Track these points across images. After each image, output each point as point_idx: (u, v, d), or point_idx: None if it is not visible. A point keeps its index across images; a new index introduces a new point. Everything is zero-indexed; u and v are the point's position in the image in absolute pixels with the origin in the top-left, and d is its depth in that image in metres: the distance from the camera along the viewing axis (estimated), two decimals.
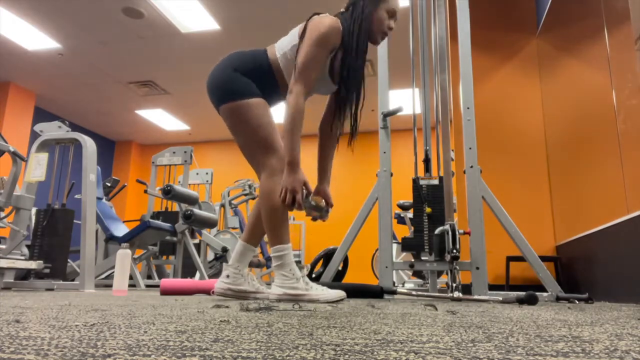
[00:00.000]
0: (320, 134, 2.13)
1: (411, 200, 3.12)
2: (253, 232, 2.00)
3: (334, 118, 1.99)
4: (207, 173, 6.75)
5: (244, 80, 1.87)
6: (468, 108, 2.74)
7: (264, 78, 1.92)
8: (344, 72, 1.90)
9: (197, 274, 5.24)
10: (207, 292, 2.55)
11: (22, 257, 3.45)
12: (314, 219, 1.90)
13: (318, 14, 1.92)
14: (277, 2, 5.18)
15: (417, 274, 5.09)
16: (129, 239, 4.32)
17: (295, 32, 1.92)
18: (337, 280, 3.11)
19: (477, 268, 2.54)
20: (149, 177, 7.80)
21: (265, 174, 1.85)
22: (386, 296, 2.57)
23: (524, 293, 1.94)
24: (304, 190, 1.82)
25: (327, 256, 3.34)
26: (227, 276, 1.95)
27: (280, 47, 1.92)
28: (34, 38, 5.94)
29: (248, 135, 1.85)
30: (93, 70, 6.87)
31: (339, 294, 1.88)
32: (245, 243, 1.99)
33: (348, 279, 5.97)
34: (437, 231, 2.51)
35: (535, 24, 4.12)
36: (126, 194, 9.68)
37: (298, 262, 7.09)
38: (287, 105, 1.82)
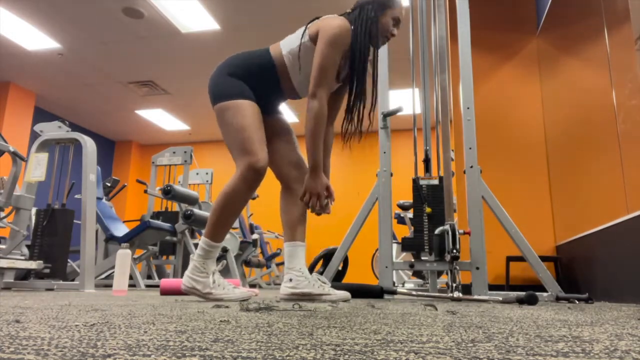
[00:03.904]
0: None
1: (411, 200, 3.12)
2: (292, 228, 2.01)
3: (344, 119, 2.00)
4: (207, 173, 6.75)
5: (235, 82, 1.88)
6: (468, 108, 2.74)
7: (264, 78, 1.92)
8: (352, 74, 1.92)
9: None
10: None
11: (22, 257, 3.45)
12: (319, 214, 1.94)
13: (318, 17, 1.94)
14: (277, 2, 5.18)
15: (417, 274, 5.09)
16: (129, 239, 4.32)
17: (302, 30, 1.93)
18: (337, 280, 3.11)
19: (477, 268, 2.54)
20: (149, 177, 7.80)
21: (235, 174, 1.85)
22: (386, 296, 2.57)
23: (524, 293, 1.94)
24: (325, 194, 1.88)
25: (327, 256, 3.34)
26: (290, 280, 1.94)
27: (287, 45, 1.93)
28: (34, 38, 5.94)
29: (230, 136, 1.86)
30: (93, 70, 6.87)
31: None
32: (291, 242, 2.00)
33: (348, 279, 5.97)
34: (437, 231, 2.51)
35: (535, 24, 4.12)
36: (126, 194, 9.68)
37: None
38: (310, 110, 1.82)
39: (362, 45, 1.89)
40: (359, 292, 2.48)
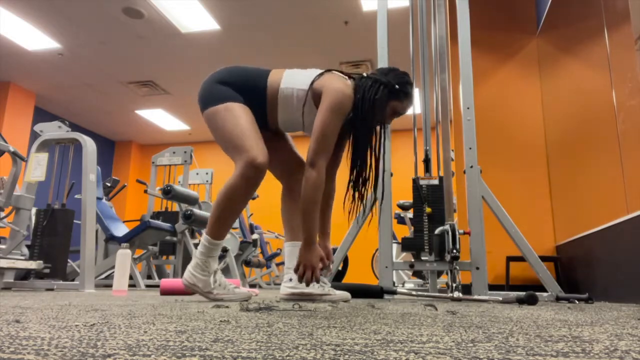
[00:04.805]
0: None
1: (411, 200, 3.12)
2: (292, 228, 2.01)
3: (345, 194, 1.94)
4: (207, 173, 6.75)
5: (225, 88, 1.83)
6: (468, 108, 2.74)
7: (252, 97, 1.86)
8: (353, 142, 1.88)
9: None
10: None
11: (22, 257, 3.45)
12: (317, 281, 1.91)
13: (330, 70, 1.88)
14: (277, 3, 5.18)
15: (417, 274, 5.09)
16: (129, 239, 4.32)
17: (310, 78, 1.86)
18: (337, 280, 3.11)
19: (477, 268, 2.54)
20: (149, 177, 7.80)
21: (235, 172, 1.81)
22: (386, 296, 2.57)
23: (524, 293, 1.94)
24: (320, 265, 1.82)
25: None
26: (290, 279, 1.94)
27: (289, 80, 1.85)
28: (34, 38, 5.94)
29: (224, 137, 1.80)
30: (93, 70, 6.87)
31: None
32: (291, 242, 1.99)
33: (348, 279, 5.98)
34: (437, 231, 2.51)
35: (535, 24, 4.12)
36: (126, 194, 9.68)
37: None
38: (309, 180, 1.75)
39: (362, 118, 1.82)
40: (359, 292, 2.48)
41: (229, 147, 1.81)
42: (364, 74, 1.90)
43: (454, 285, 2.37)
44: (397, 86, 1.85)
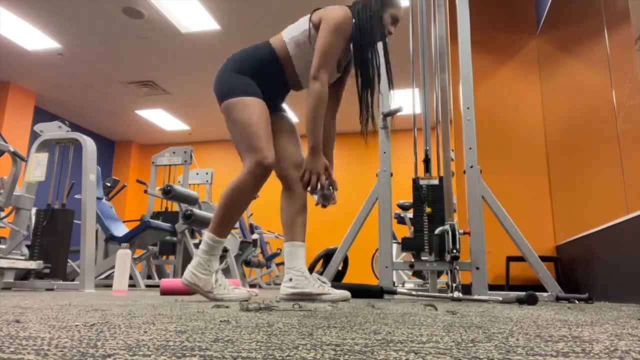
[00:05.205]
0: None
1: (411, 200, 3.12)
2: (292, 228, 2.02)
3: (360, 114, 2.05)
4: (207, 173, 6.75)
5: (241, 79, 1.90)
6: (468, 108, 2.74)
7: (268, 70, 1.94)
8: (357, 63, 1.97)
9: None
10: None
11: (22, 257, 3.45)
12: (324, 206, 1.97)
13: (319, 8, 1.97)
14: (277, 3, 5.18)
15: (417, 274, 5.09)
16: (129, 239, 4.32)
17: (305, 19, 1.96)
18: (337, 280, 3.11)
19: (477, 268, 2.54)
20: (149, 177, 7.80)
21: (243, 170, 1.85)
22: (386, 296, 2.57)
23: (524, 293, 1.94)
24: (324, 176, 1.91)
25: (327, 256, 3.34)
26: (290, 279, 1.95)
27: (289, 33, 1.95)
28: (34, 38, 5.94)
29: (237, 132, 1.87)
30: (93, 70, 6.87)
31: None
32: (291, 242, 2.00)
33: (348, 279, 5.97)
34: (437, 231, 2.51)
35: (535, 24, 4.12)
36: (126, 194, 9.68)
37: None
38: (311, 92, 1.86)
39: (365, 36, 1.93)
40: (359, 292, 2.47)
41: (240, 143, 1.88)
42: (350, 4, 2.02)
43: (454, 285, 2.37)
44: None
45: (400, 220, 5.18)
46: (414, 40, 3.22)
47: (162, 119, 8.75)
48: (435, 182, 2.77)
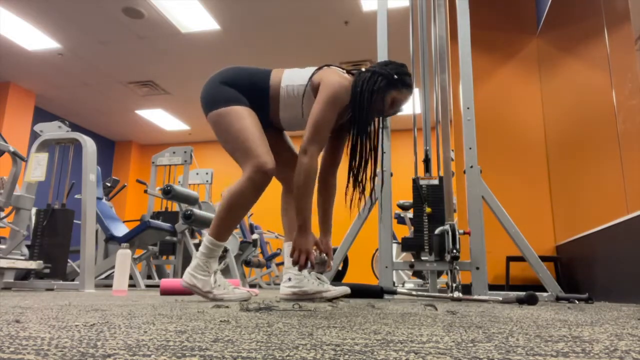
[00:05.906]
0: (319, 184, 2.07)
1: (411, 200, 3.12)
2: (292, 228, 2.02)
3: (348, 175, 1.95)
4: (207, 173, 6.75)
5: (228, 90, 1.84)
6: (468, 108, 2.74)
7: (255, 98, 1.87)
8: (352, 133, 1.89)
9: None
10: None
11: (22, 257, 3.45)
12: (320, 272, 1.96)
13: (329, 65, 1.89)
14: (277, 3, 5.18)
15: (417, 274, 5.09)
16: (129, 239, 4.32)
17: (309, 73, 1.88)
18: (337, 280, 3.11)
19: (477, 268, 2.54)
20: (149, 177, 7.80)
21: (243, 176, 1.82)
22: (386, 296, 2.57)
23: (524, 293, 1.94)
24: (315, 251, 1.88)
25: None
26: (290, 279, 1.95)
27: (288, 78, 1.88)
28: (34, 38, 5.94)
29: (231, 141, 1.81)
30: (93, 70, 6.87)
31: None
32: (291, 242, 2.00)
33: (348, 279, 5.98)
34: (437, 231, 2.51)
35: (535, 24, 4.12)
36: (126, 194, 9.68)
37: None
38: (300, 167, 1.78)
39: (360, 110, 1.83)
40: (359, 292, 2.47)
41: (236, 151, 1.81)
42: (363, 69, 1.92)
43: (454, 285, 2.37)
44: (395, 76, 1.87)
45: (400, 220, 5.18)
46: (414, 40, 3.22)
47: (162, 119, 8.75)
48: (435, 182, 2.77)
